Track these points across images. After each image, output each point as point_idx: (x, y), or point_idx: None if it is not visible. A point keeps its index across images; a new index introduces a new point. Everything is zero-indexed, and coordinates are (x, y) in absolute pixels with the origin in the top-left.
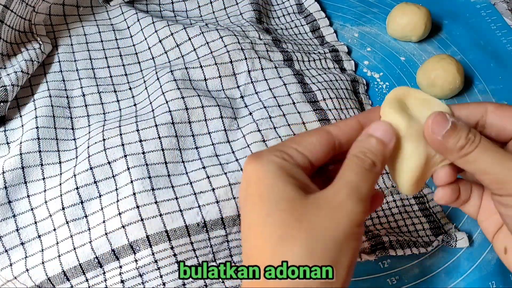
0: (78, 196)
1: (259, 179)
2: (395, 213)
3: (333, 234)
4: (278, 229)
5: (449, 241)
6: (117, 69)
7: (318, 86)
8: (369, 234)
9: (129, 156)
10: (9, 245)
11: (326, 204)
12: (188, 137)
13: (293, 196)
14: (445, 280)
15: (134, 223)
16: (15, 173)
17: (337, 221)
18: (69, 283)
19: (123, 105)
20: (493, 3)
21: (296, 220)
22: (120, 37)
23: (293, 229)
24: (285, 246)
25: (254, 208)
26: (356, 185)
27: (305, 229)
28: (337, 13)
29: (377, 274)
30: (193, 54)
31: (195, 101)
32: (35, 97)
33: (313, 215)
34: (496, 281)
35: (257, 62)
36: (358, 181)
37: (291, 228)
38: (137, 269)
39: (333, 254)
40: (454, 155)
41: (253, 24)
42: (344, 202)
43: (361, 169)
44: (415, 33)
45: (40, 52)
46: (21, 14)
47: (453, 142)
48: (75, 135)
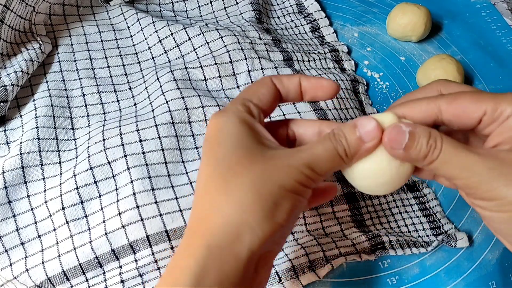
0: (78, 196)
1: (221, 128)
2: (395, 213)
3: (280, 182)
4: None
5: (449, 241)
6: (117, 69)
7: None
8: (369, 234)
9: (129, 156)
10: (9, 245)
11: (281, 159)
12: (188, 137)
13: (251, 145)
14: (445, 280)
15: (134, 223)
16: (15, 173)
17: (288, 174)
18: (69, 283)
19: (123, 105)
20: (493, 3)
21: (251, 162)
22: (120, 37)
23: (245, 169)
24: (234, 182)
25: (210, 154)
26: (318, 157)
27: (256, 170)
28: (337, 13)
29: (377, 274)
30: (193, 54)
31: (195, 101)
32: (35, 97)
33: (266, 162)
34: (496, 281)
35: (257, 62)
36: (321, 155)
37: (244, 167)
38: (137, 269)
39: (277, 197)
40: (420, 163)
41: (253, 24)
42: (299, 164)
43: (330, 146)
44: (415, 33)
45: (40, 52)
46: (21, 14)
47: (415, 152)
48: (75, 135)
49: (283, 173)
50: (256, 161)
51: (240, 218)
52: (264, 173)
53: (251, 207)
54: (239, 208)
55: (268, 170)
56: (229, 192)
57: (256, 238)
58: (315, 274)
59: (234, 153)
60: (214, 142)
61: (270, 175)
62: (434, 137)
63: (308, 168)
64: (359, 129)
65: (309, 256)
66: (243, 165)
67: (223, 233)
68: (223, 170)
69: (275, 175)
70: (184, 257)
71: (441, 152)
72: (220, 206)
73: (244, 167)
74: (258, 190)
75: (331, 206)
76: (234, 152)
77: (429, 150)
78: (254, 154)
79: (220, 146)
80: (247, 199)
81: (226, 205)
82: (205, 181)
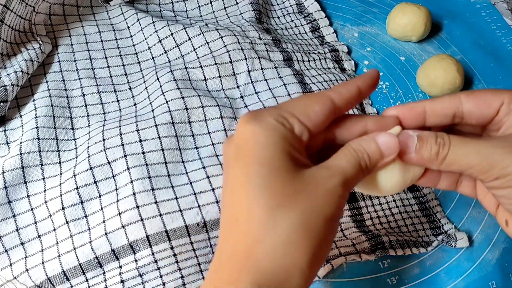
0: (78, 196)
1: (258, 142)
2: (395, 213)
3: (325, 213)
4: (274, 197)
5: (449, 241)
6: (117, 69)
7: (318, 86)
8: (369, 234)
9: (129, 156)
10: (9, 245)
11: (321, 184)
12: (188, 137)
13: (291, 168)
14: (445, 280)
15: (134, 223)
16: (15, 173)
17: (330, 203)
18: (69, 283)
19: (123, 105)
20: (493, 3)
21: (295, 191)
22: (120, 37)
23: (291, 200)
24: (281, 215)
25: (248, 171)
26: (349, 175)
27: (302, 202)
28: (337, 13)
29: (377, 274)
30: (193, 54)
31: (195, 101)
32: (35, 97)
33: (309, 191)
34: (496, 281)
35: (257, 62)
36: (351, 173)
37: (289, 198)
38: (137, 269)
39: (322, 231)
40: (434, 163)
41: (253, 24)
42: (337, 187)
43: (356, 163)
44: (415, 33)
45: (40, 52)
46: (21, 14)
47: (426, 152)
48: (75, 135)
49: (325, 202)
50: (300, 190)
51: (291, 259)
52: (309, 205)
53: (301, 246)
54: (289, 247)
55: (312, 201)
56: (277, 227)
57: (304, 278)
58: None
59: (278, 177)
60: (251, 155)
61: (315, 206)
62: (441, 135)
63: (343, 189)
64: (380, 144)
65: None
66: (288, 196)
67: (272, 273)
68: (268, 198)
69: (320, 206)
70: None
71: (451, 146)
72: (268, 242)
73: (290, 197)
74: (306, 226)
75: None
76: (278, 176)
77: (439, 147)
78: (296, 179)
79: (262, 164)
80: (296, 236)
81: (276, 242)
82: (248, 204)
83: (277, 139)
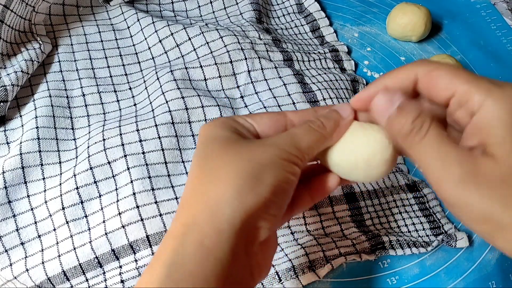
0: (78, 196)
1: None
2: (395, 213)
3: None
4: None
5: (449, 241)
6: (117, 69)
7: (318, 86)
8: (369, 234)
9: (129, 156)
10: (9, 245)
11: (265, 142)
12: (188, 137)
13: (229, 136)
14: (445, 280)
15: (134, 223)
16: (15, 173)
17: (265, 151)
18: (69, 283)
19: (123, 105)
20: (493, 3)
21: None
22: (120, 37)
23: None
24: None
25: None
26: (295, 134)
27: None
28: (337, 13)
29: (377, 274)
30: (193, 54)
31: (195, 101)
32: (35, 97)
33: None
34: (496, 281)
35: (257, 62)
36: (299, 133)
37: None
38: (137, 269)
39: (256, 172)
40: (399, 141)
41: (253, 24)
42: (277, 141)
43: (307, 126)
44: (415, 33)
45: (40, 52)
46: (21, 14)
47: (397, 128)
48: (75, 135)
49: (263, 152)
50: (239, 151)
51: (219, 197)
52: (245, 156)
53: (230, 185)
54: (218, 189)
55: (248, 154)
56: (212, 180)
57: (236, 211)
58: (315, 274)
59: (220, 149)
60: (201, 147)
61: (251, 156)
62: (423, 119)
63: (290, 145)
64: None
65: (309, 256)
66: (227, 155)
67: (201, 212)
68: (208, 166)
69: (256, 156)
70: (165, 239)
71: (425, 137)
72: (202, 193)
73: (228, 156)
74: (237, 171)
75: (331, 206)
76: (220, 148)
77: (412, 129)
78: (239, 145)
79: (207, 148)
80: (227, 180)
81: (208, 191)
82: (191, 180)
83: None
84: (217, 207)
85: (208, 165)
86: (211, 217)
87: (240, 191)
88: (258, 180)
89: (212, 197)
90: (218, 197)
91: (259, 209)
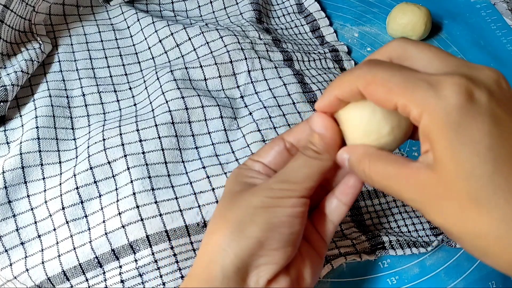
0: (78, 196)
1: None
2: (395, 213)
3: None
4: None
5: (449, 241)
6: (117, 69)
7: (318, 86)
8: (369, 234)
9: (129, 156)
10: (9, 245)
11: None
12: (188, 137)
13: (235, 189)
14: (445, 280)
15: (134, 223)
16: (15, 173)
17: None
18: (69, 283)
19: (123, 105)
20: (493, 3)
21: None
22: (120, 37)
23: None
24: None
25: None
26: (290, 170)
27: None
28: (337, 13)
29: (377, 274)
30: (193, 54)
31: (195, 101)
32: (35, 97)
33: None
34: (496, 281)
35: (257, 62)
36: (295, 166)
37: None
38: (137, 269)
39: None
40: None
41: (253, 24)
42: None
43: (301, 157)
44: (415, 33)
45: (40, 52)
46: (21, 14)
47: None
48: (75, 135)
49: (255, 196)
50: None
51: (213, 246)
52: (242, 204)
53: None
54: (215, 239)
55: (244, 201)
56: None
57: (226, 257)
58: None
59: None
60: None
61: (246, 203)
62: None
63: (278, 182)
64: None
65: None
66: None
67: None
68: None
69: (249, 201)
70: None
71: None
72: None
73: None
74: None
75: None
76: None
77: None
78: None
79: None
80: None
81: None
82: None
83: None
84: (211, 257)
85: (214, 219)
86: (207, 267)
87: (232, 237)
88: (248, 222)
89: (210, 249)
90: (213, 247)
91: (253, 249)
